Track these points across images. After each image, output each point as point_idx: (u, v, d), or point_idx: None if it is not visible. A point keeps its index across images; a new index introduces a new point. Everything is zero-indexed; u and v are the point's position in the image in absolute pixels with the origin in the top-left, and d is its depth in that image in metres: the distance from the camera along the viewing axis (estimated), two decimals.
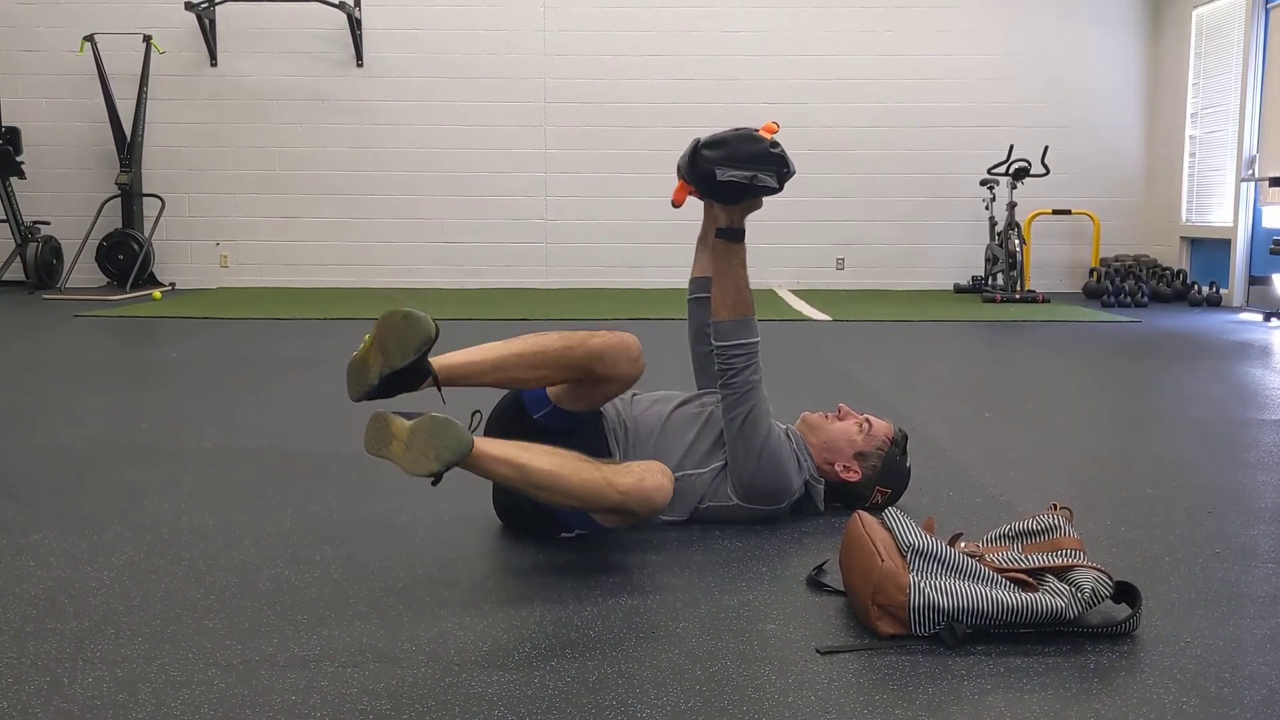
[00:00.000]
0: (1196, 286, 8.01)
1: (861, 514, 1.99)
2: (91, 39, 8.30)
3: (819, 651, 1.74)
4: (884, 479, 2.45)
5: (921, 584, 1.76)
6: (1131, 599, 1.82)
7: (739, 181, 2.19)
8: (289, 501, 2.59)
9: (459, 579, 2.07)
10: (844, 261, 9.10)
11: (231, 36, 8.77)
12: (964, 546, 1.95)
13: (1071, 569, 1.83)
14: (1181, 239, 8.69)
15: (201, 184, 8.88)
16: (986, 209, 8.64)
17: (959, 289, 8.92)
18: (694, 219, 2.52)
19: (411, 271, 8.98)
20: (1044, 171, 8.20)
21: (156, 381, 4.51)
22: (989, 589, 1.77)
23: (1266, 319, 6.97)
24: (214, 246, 8.98)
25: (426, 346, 2.03)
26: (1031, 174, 8.14)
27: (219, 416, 3.68)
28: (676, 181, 2.33)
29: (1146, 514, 2.53)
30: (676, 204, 2.35)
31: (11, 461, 3.03)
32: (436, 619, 1.87)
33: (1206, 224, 8.42)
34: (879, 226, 9.04)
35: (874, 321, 6.81)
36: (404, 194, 8.93)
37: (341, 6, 8.43)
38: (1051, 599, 1.76)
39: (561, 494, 2.03)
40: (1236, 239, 7.94)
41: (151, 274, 8.54)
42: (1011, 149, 8.33)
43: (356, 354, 2.10)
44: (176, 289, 8.63)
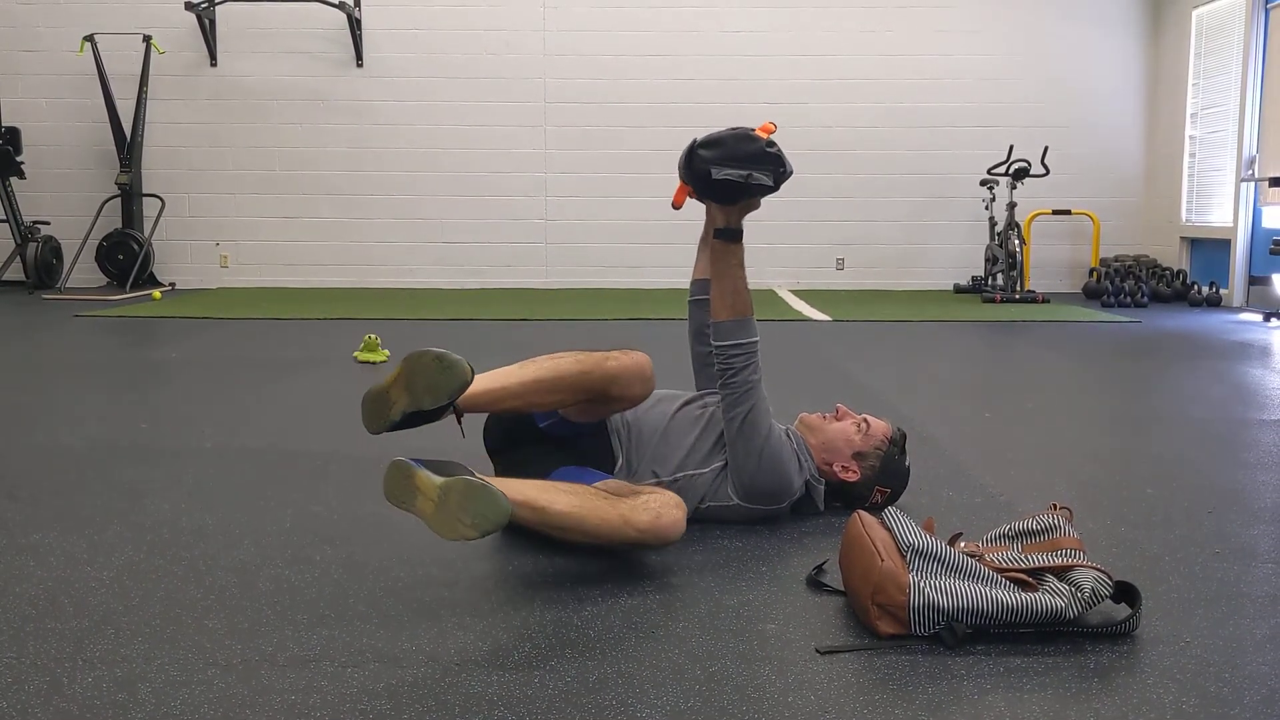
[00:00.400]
0: (1196, 286, 8.01)
1: (861, 514, 1.99)
2: (91, 39, 8.30)
3: (819, 651, 1.74)
4: (883, 479, 2.45)
5: (921, 584, 1.76)
6: (1131, 599, 1.82)
7: (735, 180, 2.19)
8: (289, 501, 2.59)
9: (459, 579, 2.07)
10: (844, 262, 9.10)
11: (231, 36, 8.77)
12: (964, 546, 1.95)
13: (1071, 569, 1.83)
14: (1181, 239, 8.69)
15: (201, 184, 8.88)
16: (986, 209, 8.64)
17: (959, 289, 8.92)
18: (694, 219, 2.52)
19: (411, 271, 8.98)
20: (1044, 171, 8.20)
21: (156, 381, 4.51)
22: (989, 589, 1.77)
23: (1266, 319, 6.97)
24: (214, 246, 8.98)
25: (460, 393, 1.99)
26: (1031, 174, 8.14)
27: (219, 416, 3.68)
28: (677, 183, 2.33)
29: (1146, 514, 2.53)
30: (676, 206, 2.35)
31: (11, 461, 3.03)
32: (436, 619, 1.87)
33: (1206, 224, 8.42)
34: (879, 226, 9.03)
35: (874, 322, 6.81)
36: (404, 194, 8.93)
37: (341, 6, 8.43)
38: (1051, 599, 1.76)
39: (580, 534, 2.03)
40: (1236, 239, 7.94)
41: (151, 274, 8.54)
42: (1011, 149, 8.33)
43: (377, 387, 2.07)
44: (176, 289, 8.63)
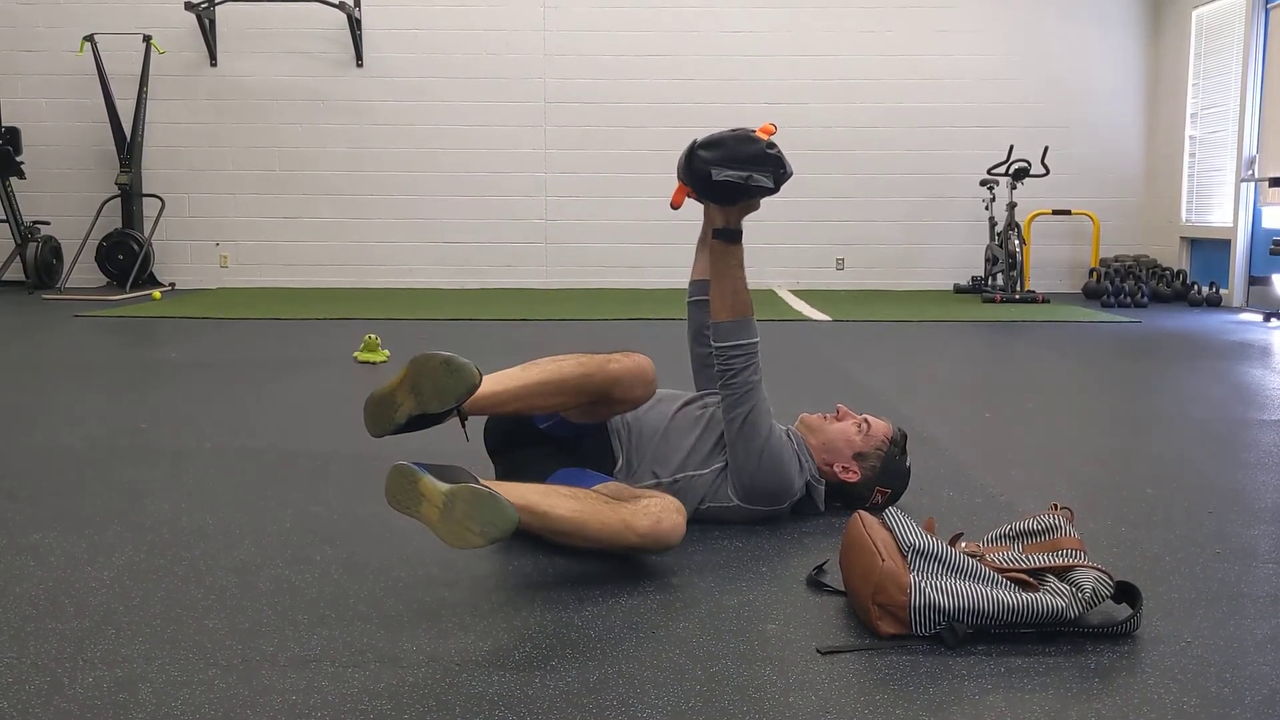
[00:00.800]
0: (1196, 287, 8.01)
1: (862, 514, 1.99)
2: (91, 39, 8.30)
3: (819, 651, 1.74)
4: (883, 479, 2.45)
5: (922, 584, 1.76)
6: (1132, 599, 1.82)
7: (734, 182, 2.18)
8: (289, 501, 2.59)
9: (459, 579, 2.07)
10: (844, 262, 9.10)
11: (231, 36, 8.77)
12: (964, 546, 1.95)
13: (1072, 569, 1.83)
14: (1181, 239, 8.69)
15: (201, 184, 8.88)
16: (986, 209, 8.64)
17: (959, 289, 8.92)
18: (694, 219, 2.51)
19: (411, 272, 8.97)
20: (1044, 172, 8.20)
21: (156, 381, 4.50)
22: (990, 589, 1.77)
23: (1266, 319, 6.97)
24: (214, 247, 8.98)
25: (468, 396, 1.98)
26: (1031, 174, 8.14)
27: (219, 416, 3.68)
28: (676, 183, 2.33)
29: (1146, 514, 2.53)
30: (675, 206, 2.34)
31: (11, 461, 3.03)
32: (437, 619, 1.87)
33: (1206, 224, 8.42)
34: (879, 227, 9.03)
35: (874, 322, 6.81)
36: (404, 194, 8.93)
37: (341, 6, 8.43)
38: (1052, 599, 1.76)
39: (582, 539, 2.04)
40: (1236, 239, 7.94)
41: (151, 274, 8.54)
42: (1011, 149, 8.33)
43: (381, 390, 2.05)
44: (176, 289, 8.62)
